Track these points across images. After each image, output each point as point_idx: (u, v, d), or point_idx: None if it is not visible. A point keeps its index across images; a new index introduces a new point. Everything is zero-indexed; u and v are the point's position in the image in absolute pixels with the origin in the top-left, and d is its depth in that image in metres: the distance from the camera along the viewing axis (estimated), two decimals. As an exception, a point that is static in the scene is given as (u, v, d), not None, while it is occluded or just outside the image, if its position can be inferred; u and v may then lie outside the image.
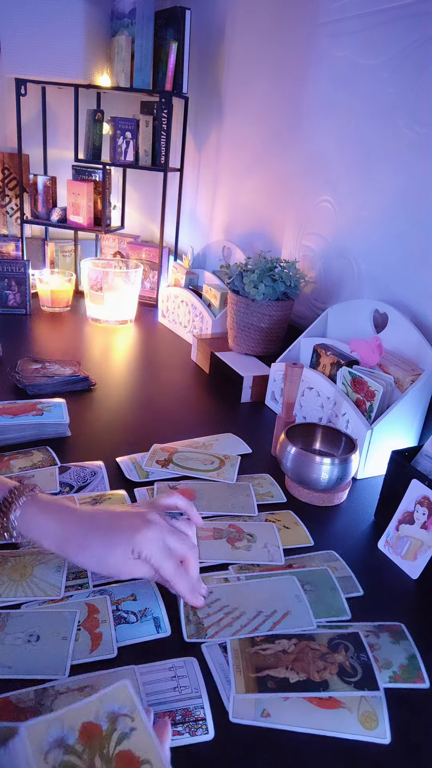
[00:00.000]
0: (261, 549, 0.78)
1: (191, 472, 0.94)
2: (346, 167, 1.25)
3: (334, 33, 1.23)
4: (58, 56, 1.65)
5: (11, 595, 0.66)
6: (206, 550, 0.77)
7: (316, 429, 1.00)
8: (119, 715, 0.39)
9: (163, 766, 0.38)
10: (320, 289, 1.38)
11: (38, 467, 0.92)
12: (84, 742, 0.38)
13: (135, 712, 0.39)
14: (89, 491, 0.88)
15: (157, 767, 0.38)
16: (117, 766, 0.37)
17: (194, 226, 2.04)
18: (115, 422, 1.12)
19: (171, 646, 0.63)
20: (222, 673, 0.60)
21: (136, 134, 1.78)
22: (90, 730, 0.38)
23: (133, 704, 0.40)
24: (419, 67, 1.04)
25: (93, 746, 0.38)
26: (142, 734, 0.39)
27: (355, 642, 0.63)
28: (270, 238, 1.59)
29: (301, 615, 0.66)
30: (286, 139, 1.48)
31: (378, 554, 0.81)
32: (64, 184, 1.90)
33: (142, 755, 0.38)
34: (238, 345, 1.37)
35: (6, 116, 1.93)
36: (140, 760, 0.38)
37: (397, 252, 1.14)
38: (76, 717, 0.39)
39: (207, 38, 1.79)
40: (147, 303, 1.94)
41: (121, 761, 0.37)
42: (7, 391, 1.19)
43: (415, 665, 0.62)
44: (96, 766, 0.37)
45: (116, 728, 0.38)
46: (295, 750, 0.53)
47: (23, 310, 1.75)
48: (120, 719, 0.39)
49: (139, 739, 0.38)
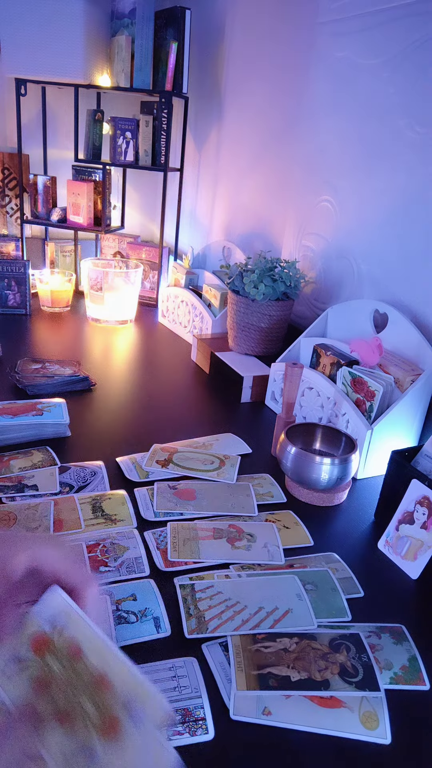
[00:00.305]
0: (261, 549, 0.78)
1: (191, 472, 0.94)
2: (346, 167, 1.25)
3: (334, 33, 1.23)
4: (58, 56, 1.65)
5: (11, 595, 0.66)
6: (206, 550, 0.77)
7: (316, 429, 1.00)
8: (56, 616, 0.43)
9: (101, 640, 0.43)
10: (320, 289, 1.37)
11: (38, 467, 0.92)
12: (36, 651, 0.42)
13: (69, 608, 0.44)
14: (89, 491, 0.88)
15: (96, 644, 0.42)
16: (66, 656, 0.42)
17: (194, 226, 2.04)
18: (115, 422, 1.12)
19: (171, 646, 0.63)
20: (223, 672, 0.60)
21: (136, 134, 1.78)
22: (38, 640, 0.42)
23: (65, 602, 0.44)
24: (419, 67, 1.04)
25: (43, 650, 0.42)
26: (77, 622, 0.43)
27: (357, 642, 0.63)
28: (270, 238, 1.59)
29: (302, 614, 0.66)
30: (287, 138, 1.48)
31: (378, 554, 0.81)
32: (64, 184, 1.90)
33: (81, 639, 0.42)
34: (238, 345, 1.37)
35: (6, 116, 1.93)
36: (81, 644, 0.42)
37: (397, 252, 1.14)
38: (23, 634, 0.43)
39: (207, 38, 1.79)
40: (147, 303, 1.94)
41: (68, 652, 0.42)
42: (7, 391, 1.19)
43: (415, 667, 0.62)
44: (50, 664, 0.41)
45: (57, 627, 0.43)
46: (295, 749, 0.53)
47: (23, 310, 1.75)
48: (57, 619, 0.43)
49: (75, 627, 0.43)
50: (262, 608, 0.66)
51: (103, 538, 0.77)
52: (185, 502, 0.86)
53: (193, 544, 0.77)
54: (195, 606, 0.66)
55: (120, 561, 0.73)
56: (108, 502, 0.85)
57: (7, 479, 0.88)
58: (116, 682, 0.41)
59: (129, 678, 0.41)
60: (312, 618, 0.66)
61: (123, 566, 0.72)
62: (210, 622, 0.64)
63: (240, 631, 0.63)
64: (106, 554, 0.74)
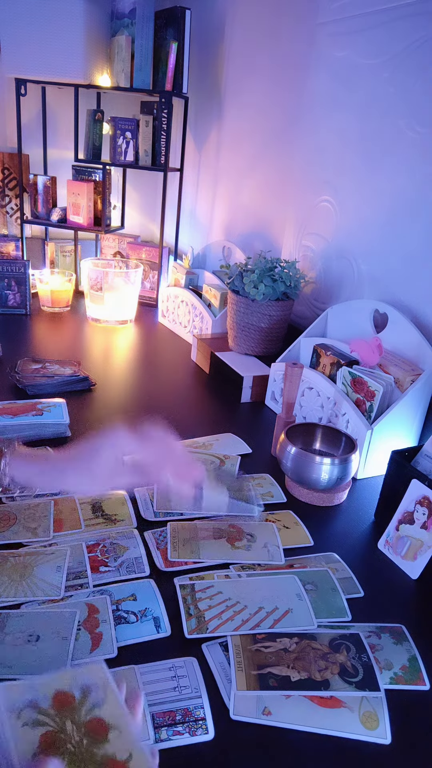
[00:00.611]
0: (261, 549, 0.78)
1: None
2: (347, 167, 1.25)
3: (335, 33, 1.23)
4: (58, 56, 1.65)
5: (11, 595, 0.66)
6: (206, 550, 0.77)
7: (316, 429, 1.00)
8: (92, 687, 0.42)
9: (130, 732, 0.41)
10: (320, 289, 1.37)
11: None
12: (57, 708, 0.41)
13: (107, 686, 0.42)
14: (89, 491, 0.88)
15: (125, 732, 0.40)
16: (87, 730, 0.40)
17: (194, 226, 2.04)
18: (115, 422, 1.12)
19: (171, 646, 0.63)
20: (223, 672, 0.60)
21: (136, 134, 1.78)
22: (63, 699, 0.41)
23: (106, 679, 0.42)
24: (420, 67, 1.04)
25: (64, 712, 0.40)
26: (112, 705, 0.41)
27: (357, 643, 0.63)
28: (270, 238, 1.59)
29: (302, 614, 0.66)
30: (287, 138, 1.48)
31: (378, 554, 0.81)
32: (64, 184, 1.90)
33: (111, 722, 0.41)
34: (238, 345, 1.37)
35: (6, 116, 1.93)
36: (109, 726, 0.40)
37: (397, 252, 1.14)
38: (50, 685, 0.41)
39: (207, 38, 1.79)
40: (147, 303, 1.94)
41: (91, 727, 0.40)
42: (7, 391, 1.19)
43: (415, 667, 0.62)
44: (67, 729, 0.40)
45: (88, 698, 0.41)
46: (295, 749, 0.53)
47: (23, 310, 1.75)
48: (92, 691, 0.42)
49: (109, 709, 0.41)
50: (262, 608, 0.66)
51: (103, 538, 0.77)
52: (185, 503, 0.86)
53: (193, 544, 0.77)
54: (195, 606, 0.66)
55: (120, 561, 0.73)
56: (108, 502, 0.85)
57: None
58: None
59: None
60: (312, 618, 0.66)
61: (123, 566, 0.72)
62: (210, 622, 0.64)
63: (240, 631, 0.63)
64: (106, 554, 0.74)
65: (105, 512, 0.82)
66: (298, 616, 0.66)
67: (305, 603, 0.68)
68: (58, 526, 0.79)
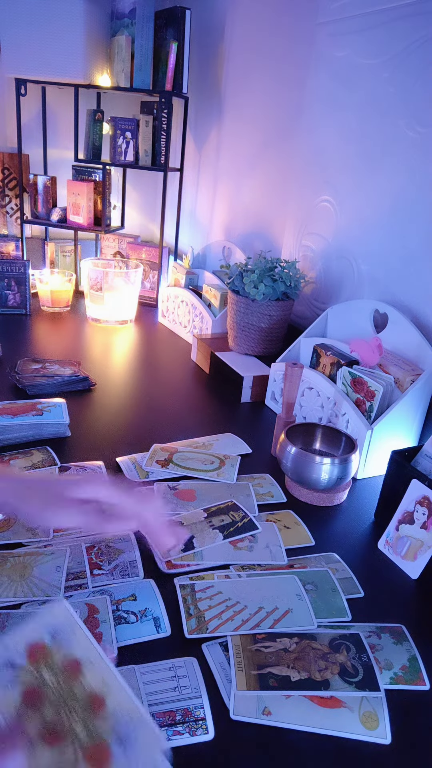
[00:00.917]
0: (263, 549, 0.78)
1: (191, 472, 0.94)
2: (347, 167, 1.25)
3: (335, 33, 1.23)
4: (58, 56, 1.65)
5: (11, 595, 0.66)
6: (208, 551, 0.77)
7: (316, 429, 1.00)
8: (59, 628, 0.43)
9: (104, 661, 0.42)
10: (320, 289, 1.37)
11: (38, 467, 0.92)
12: (32, 660, 0.41)
13: (73, 623, 0.43)
14: (89, 491, 0.88)
15: (98, 665, 0.42)
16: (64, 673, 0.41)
17: (194, 226, 2.04)
18: (115, 422, 1.12)
19: (171, 646, 0.62)
20: (223, 672, 0.60)
21: (136, 134, 1.78)
22: (36, 649, 0.42)
23: (70, 616, 0.43)
24: (420, 67, 1.04)
25: (40, 662, 0.42)
26: (82, 640, 0.43)
27: (357, 643, 0.63)
28: (270, 238, 1.59)
29: (302, 614, 0.66)
30: (287, 138, 1.48)
31: (378, 554, 0.81)
32: (64, 184, 1.90)
33: (82, 656, 0.42)
34: (238, 345, 1.37)
35: (6, 116, 1.93)
36: (81, 662, 0.42)
37: (397, 252, 1.14)
38: (21, 640, 0.42)
39: (207, 38, 1.79)
40: (147, 303, 1.94)
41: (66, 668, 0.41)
42: (7, 391, 1.19)
43: (416, 667, 0.62)
44: (45, 680, 0.41)
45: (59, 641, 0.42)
46: (295, 749, 0.53)
47: (23, 310, 1.75)
48: (60, 632, 0.43)
49: (79, 644, 0.42)
50: (262, 608, 0.66)
51: (98, 541, 0.76)
52: (185, 503, 0.86)
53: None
54: (195, 606, 0.66)
55: (114, 564, 0.73)
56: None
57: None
58: (112, 705, 0.39)
59: (126, 703, 0.40)
60: (312, 618, 0.66)
61: (117, 570, 0.72)
62: (210, 622, 0.64)
63: (240, 631, 0.63)
64: (101, 557, 0.74)
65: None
66: (298, 616, 0.66)
67: (305, 603, 0.68)
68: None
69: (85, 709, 0.39)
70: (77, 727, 0.38)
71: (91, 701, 0.40)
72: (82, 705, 0.39)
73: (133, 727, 0.39)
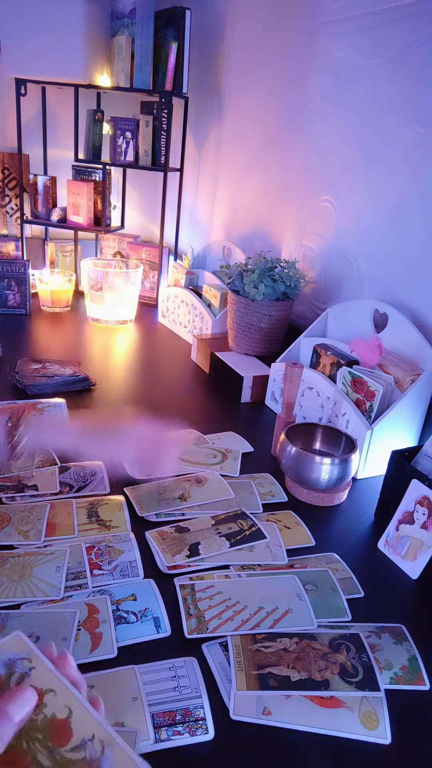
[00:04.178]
0: (264, 549, 0.77)
1: (194, 466, 0.94)
2: (347, 167, 1.25)
3: (335, 33, 1.23)
4: (58, 56, 1.65)
5: (11, 595, 0.66)
6: (210, 551, 0.77)
7: (316, 429, 1.00)
8: (16, 660, 0.41)
9: (68, 689, 0.40)
10: (320, 289, 1.37)
11: (38, 467, 0.92)
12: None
13: (31, 654, 0.41)
14: (89, 491, 0.88)
15: (61, 693, 0.40)
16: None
17: (194, 226, 2.04)
18: (116, 422, 1.12)
19: (171, 646, 0.62)
20: (223, 672, 0.60)
21: (136, 134, 1.78)
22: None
23: (28, 649, 0.41)
24: (419, 68, 1.04)
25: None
26: (41, 670, 0.41)
27: (357, 643, 0.63)
28: (270, 238, 1.59)
29: (302, 614, 0.66)
30: (287, 138, 1.48)
31: (378, 554, 0.81)
32: (64, 184, 1.90)
33: (45, 686, 0.40)
34: (238, 345, 1.37)
35: (6, 116, 1.93)
36: (43, 691, 0.40)
37: (397, 252, 1.14)
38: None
39: (207, 38, 1.79)
40: (147, 303, 1.94)
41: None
42: (7, 391, 1.19)
43: (415, 667, 0.62)
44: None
45: (14, 671, 0.40)
46: (295, 749, 0.53)
47: (23, 310, 1.75)
48: (17, 663, 0.41)
49: (39, 675, 0.40)
50: (262, 608, 0.66)
51: (98, 541, 0.76)
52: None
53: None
54: (195, 606, 0.66)
55: (114, 564, 0.73)
56: (104, 507, 0.84)
57: (7, 479, 0.88)
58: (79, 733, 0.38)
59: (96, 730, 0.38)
60: (312, 618, 0.66)
61: (117, 570, 0.72)
62: (210, 622, 0.64)
63: (240, 631, 0.63)
64: (101, 557, 0.73)
65: (100, 517, 0.81)
66: (298, 616, 0.66)
67: (305, 603, 0.68)
68: (50, 530, 0.78)
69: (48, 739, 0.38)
70: (42, 758, 0.37)
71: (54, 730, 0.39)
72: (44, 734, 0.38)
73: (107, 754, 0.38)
